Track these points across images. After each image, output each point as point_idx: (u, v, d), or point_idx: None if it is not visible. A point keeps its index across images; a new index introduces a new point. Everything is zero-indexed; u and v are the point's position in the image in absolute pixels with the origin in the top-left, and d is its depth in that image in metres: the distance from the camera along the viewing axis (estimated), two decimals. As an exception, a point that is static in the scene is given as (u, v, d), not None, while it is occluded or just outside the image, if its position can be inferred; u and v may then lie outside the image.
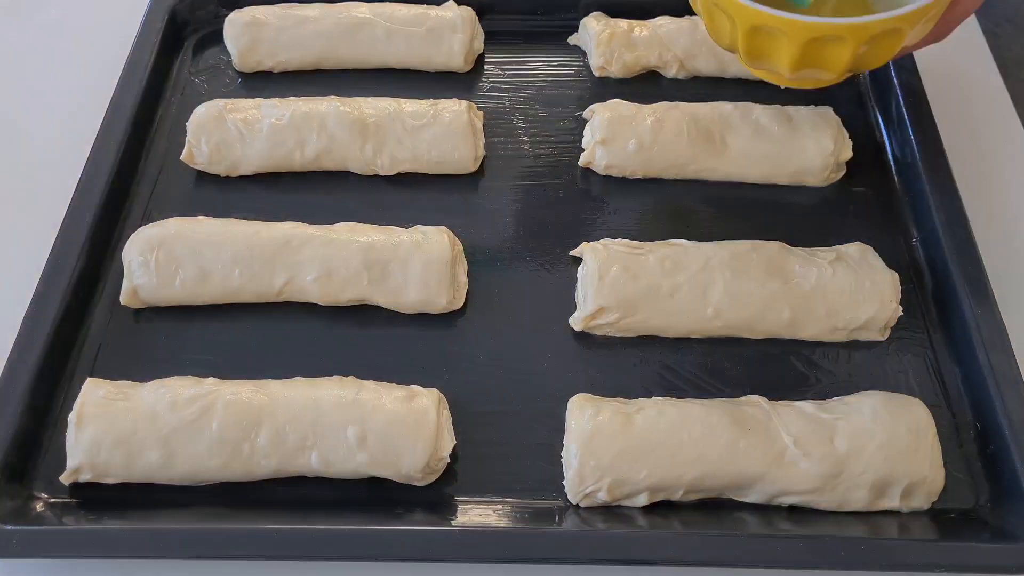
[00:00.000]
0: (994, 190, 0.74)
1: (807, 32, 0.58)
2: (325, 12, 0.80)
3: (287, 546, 0.54)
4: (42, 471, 0.59)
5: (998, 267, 0.66)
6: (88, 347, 0.64)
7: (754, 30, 0.60)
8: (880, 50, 0.60)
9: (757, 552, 0.54)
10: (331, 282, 0.65)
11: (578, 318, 0.64)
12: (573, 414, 0.58)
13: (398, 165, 0.73)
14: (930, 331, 0.65)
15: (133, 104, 0.75)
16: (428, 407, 0.57)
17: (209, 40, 0.84)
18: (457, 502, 0.58)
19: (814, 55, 0.60)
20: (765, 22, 0.58)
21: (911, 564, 0.53)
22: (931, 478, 0.56)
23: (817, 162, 0.72)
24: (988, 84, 0.82)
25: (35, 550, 0.55)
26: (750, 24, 0.59)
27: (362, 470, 0.57)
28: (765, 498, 0.57)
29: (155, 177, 0.74)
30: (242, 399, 0.57)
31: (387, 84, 0.79)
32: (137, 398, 0.58)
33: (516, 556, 0.54)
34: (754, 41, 0.61)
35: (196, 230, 0.66)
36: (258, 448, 0.56)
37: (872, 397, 0.59)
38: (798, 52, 0.59)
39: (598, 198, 0.73)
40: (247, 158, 0.73)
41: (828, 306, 0.63)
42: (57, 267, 0.65)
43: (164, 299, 0.65)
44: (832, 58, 0.60)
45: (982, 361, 0.60)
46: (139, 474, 0.57)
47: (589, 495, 0.56)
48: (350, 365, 0.62)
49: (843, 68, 0.61)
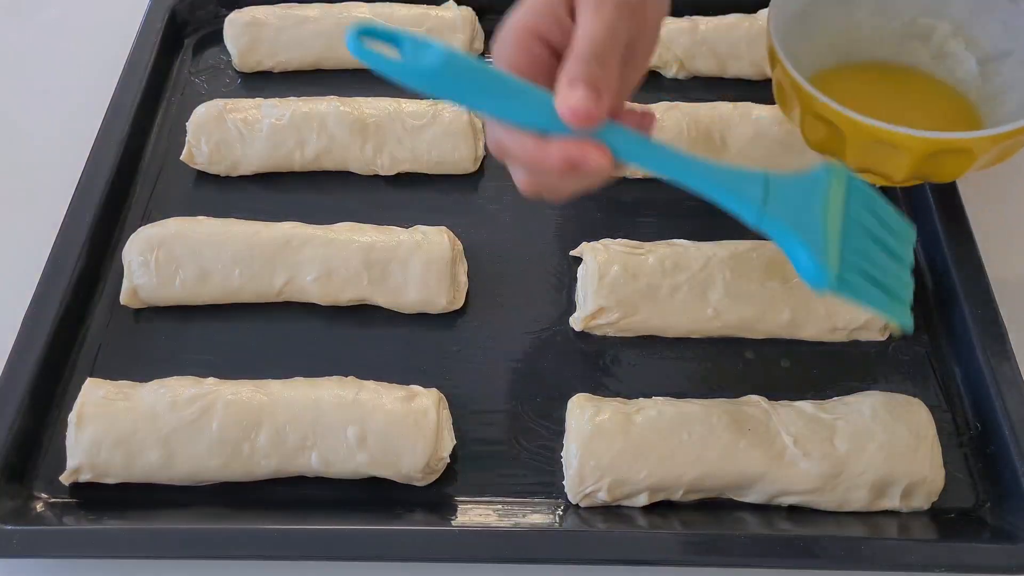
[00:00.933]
0: (995, 190, 0.74)
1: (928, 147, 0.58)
2: (325, 12, 0.80)
3: (287, 546, 0.54)
4: (42, 471, 0.59)
5: (998, 267, 0.66)
6: (88, 347, 0.64)
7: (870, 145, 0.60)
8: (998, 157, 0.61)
9: (757, 552, 0.54)
10: (331, 282, 0.65)
11: (578, 318, 0.64)
12: (573, 414, 0.58)
13: (398, 165, 0.73)
14: (930, 331, 0.65)
15: (133, 104, 0.75)
16: (428, 407, 0.57)
17: (209, 40, 0.84)
18: (457, 502, 0.57)
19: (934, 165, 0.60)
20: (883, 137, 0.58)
21: (911, 564, 0.53)
22: (931, 478, 0.56)
23: (817, 163, 0.72)
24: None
25: (35, 550, 0.55)
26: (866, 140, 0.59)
27: (362, 470, 0.57)
28: (765, 498, 0.57)
29: (155, 177, 0.74)
30: (242, 399, 0.57)
31: (387, 84, 0.78)
32: (137, 398, 0.58)
33: (516, 556, 0.54)
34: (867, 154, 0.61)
35: (196, 230, 0.66)
36: (258, 448, 0.56)
37: (872, 397, 0.59)
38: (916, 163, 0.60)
39: (598, 198, 0.72)
40: (247, 158, 0.73)
41: (828, 306, 0.63)
42: (57, 267, 0.65)
43: (164, 299, 0.65)
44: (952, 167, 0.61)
45: (982, 361, 0.60)
46: (139, 474, 0.57)
47: (589, 495, 0.56)
48: (350, 365, 0.62)
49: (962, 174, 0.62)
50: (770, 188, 0.50)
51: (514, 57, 0.47)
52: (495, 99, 0.46)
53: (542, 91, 0.46)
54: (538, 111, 0.46)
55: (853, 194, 0.52)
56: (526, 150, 0.46)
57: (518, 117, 0.46)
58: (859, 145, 0.61)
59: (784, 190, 0.50)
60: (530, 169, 0.48)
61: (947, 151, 0.59)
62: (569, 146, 0.45)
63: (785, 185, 0.50)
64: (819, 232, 0.49)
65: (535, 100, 0.46)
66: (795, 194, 0.50)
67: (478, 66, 0.45)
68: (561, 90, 0.45)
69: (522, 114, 0.46)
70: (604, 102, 0.45)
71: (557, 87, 0.46)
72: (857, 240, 0.51)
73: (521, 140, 0.46)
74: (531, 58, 0.47)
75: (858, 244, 0.51)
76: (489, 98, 0.46)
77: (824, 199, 0.51)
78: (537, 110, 0.46)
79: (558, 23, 0.48)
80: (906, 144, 0.58)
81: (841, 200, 0.51)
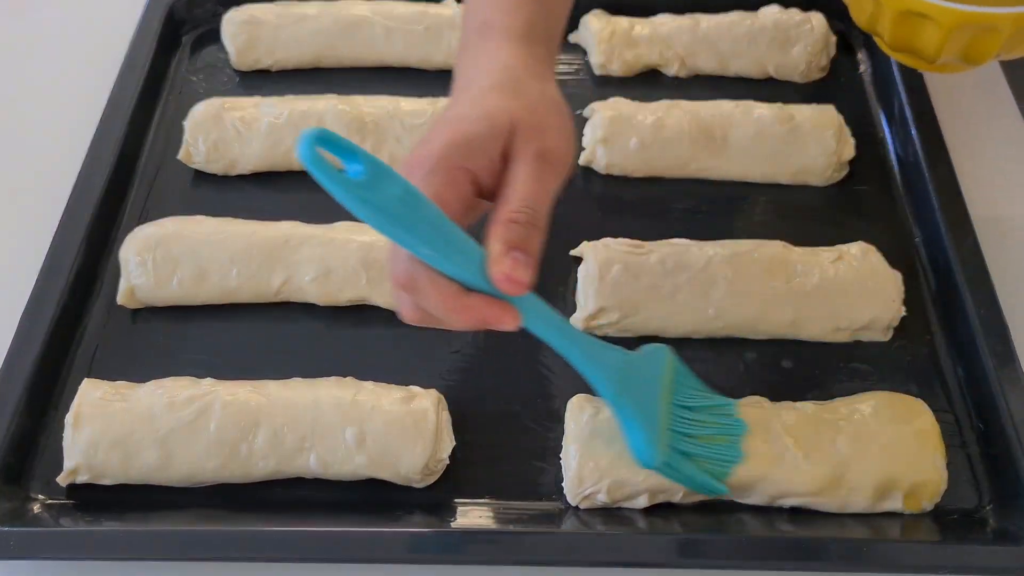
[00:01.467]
0: (998, 189, 0.73)
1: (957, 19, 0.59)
2: (323, 10, 0.80)
3: (285, 548, 0.54)
4: (39, 472, 0.58)
5: (1001, 267, 0.65)
6: (85, 347, 0.64)
7: (902, 16, 0.61)
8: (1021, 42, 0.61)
9: (758, 554, 0.53)
10: (329, 282, 0.64)
11: (578, 318, 0.64)
12: (572, 415, 0.58)
13: (397, 163, 0.72)
14: (933, 331, 0.65)
15: (130, 103, 0.75)
16: (427, 408, 0.57)
17: (207, 38, 0.83)
18: (456, 504, 0.57)
19: (962, 42, 0.61)
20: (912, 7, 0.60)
21: (913, 566, 0.53)
22: (934, 480, 0.56)
23: (819, 161, 0.71)
24: (991, 82, 0.81)
25: (32, 551, 0.55)
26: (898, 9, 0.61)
27: (361, 471, 0.56)
28: (766, 500, 0.56)
29: (152, 176, 0.74)
30: (240, 400, 0.57)
31: (385, 82, 0.79)
32: (134, 399, 0.57)
33: (515, 558, 0.54)
34: (901, 27, 0.62)
35: (194, 229, 0.66)
36: (256, 449, 0.56)
37: (874, 398, 0.59)
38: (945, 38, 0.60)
39: (599, 197, 0.72)
40: (245, 157, 0.72)
41: (830, 306, 0.63)
42: (54, 267, 0.65)
43: (161, 299, 0.65)
44: (981, 47, 0.61)
45: (985, 362, 0.60)
46: (136, 475, 0.57)
47: (588, 497, 0.56)
48: (349, 365, 0.61)
49: (990, 57, 0.62)
50: (627, 368, 0.53)
51: (441, 191, 0.45)
52: (433, 244, 0.44)
53: (476, 246, 0.45)
54: (467, 265, 0.45)
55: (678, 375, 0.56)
56: (443, 298, 0.45)
57: (449, 267, 0.45)
58: (894, 18, 0.62)
59: (634, 371, 0.54)
60: (440, 314, 0.46)
61: (975, 25, 0.60)
62: (486, 306, 0.45)
63: (635, 366, 0.54)
64: (655, 416, 0.53)
65: (469, 253, 0.45)
66: (641, 377, 0.54)
67: (431, 208, 0.44)
68: (497, 254, 0.44)
69: (454, 265, 0.45)
70: (534, 268, 0.45)
71: (491, 247, 0.45)
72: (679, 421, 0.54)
73: (441, 287, 0.45)
74: (457, 195, 0.46)
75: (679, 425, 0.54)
76: (428, 242, 0.44)
77: (659, 382, 0.55)
78: (467, 264, 0.45)
79: (490, 165, 0.47)
80: (935, 15, 0.60)
81: (670, 381, 0.55)
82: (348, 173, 0.42)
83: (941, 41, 0.61)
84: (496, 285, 0.45)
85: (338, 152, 0.42)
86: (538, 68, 0.52)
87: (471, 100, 0.49)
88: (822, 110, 0.73)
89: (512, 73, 0.50)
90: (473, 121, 0.47)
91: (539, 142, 0.47)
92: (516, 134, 0.47)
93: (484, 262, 0.45)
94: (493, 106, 0.48)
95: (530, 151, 0.47)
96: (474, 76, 0.51)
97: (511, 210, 0.46)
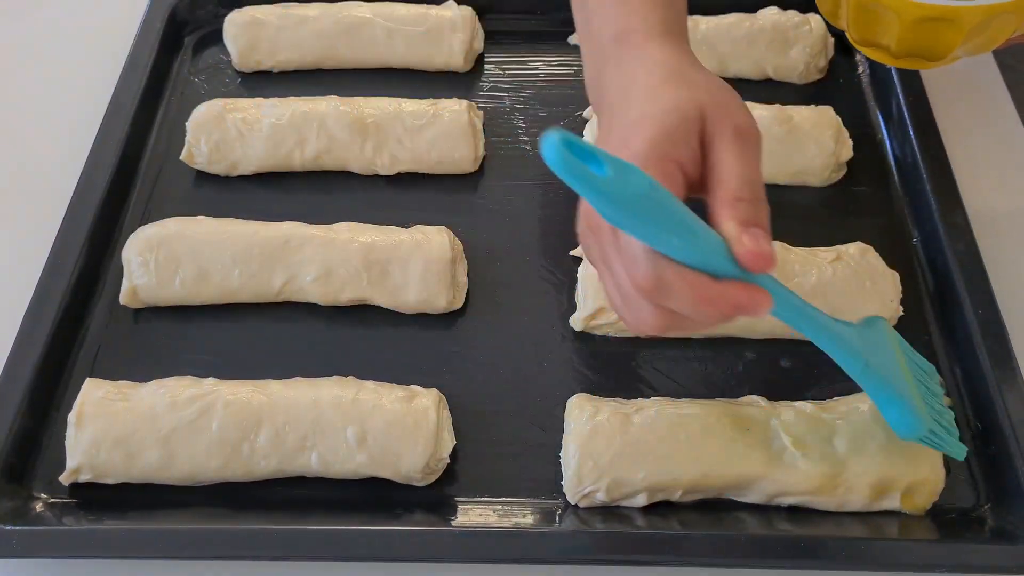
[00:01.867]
0: (995, 190, 0.73)
1: (916, 11, 0.58)
2: (325, 11, 0.80)
3: (287, 546, 0.54)
4: (41, 471, 0.59)
5: (999, 267, 0.66)
6: (87, 347, 0.64)
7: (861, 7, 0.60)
8: (988, 38, 0.60)
9: (757, 552, 0.54)
10: (331, 282, 0.64)
11: (578, 318, 0.64)
12: (572, 414, 0.58)
13: (398, 165, 0.73)
14: (931, 331, 0.65)
15: (132, 104, 0.75)
16: (428, 407, 0.57)
17: (209, 40, 0.84)
18: (457, 502, 0.57)
19: (923, 36, 0.60)
20: None
21: (911, 564, 0.53)
22: (931, 478, 0.56)
23: (817, 162, 0.72)
24: (988, 83, 0.82)
25: (34, 550, 0.55)
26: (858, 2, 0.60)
27: (362, 470, 0.57)
28: (764, 498, 0.56)
29: (155, 177, 0.74)
30: (242, 399, 0.57)
31: (387, 84, 0.79)
32: (136, 398, 0.58)
33: (515, 556, 0.54)
34: (862, 18, 0.61)
35: (196, 230, 0.66)
36: (258, 448, 0.56)
37: (872, 397, 0.59)
38: (906, 31, 0.60)
39: (598, 198, 0.73)
40: (247, 158, 0.73)
41: (828, 306, 0.62)
42: (56, 267, 0.65)
43: (164, 299, 0.65)
44: (940, 41, 0.60)
45: (983, 361, 0.60)
46: (139, 474, 0.57)
47: (588, 495, 0.56)
48: (350, 365, 0.62)
49: (950, 52, 0.61)
50: (865, 341, 0.52)
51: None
52: (682, 235, 0.43)
53: (714, 232, 0.44)
54: (713, 252, 0.43)
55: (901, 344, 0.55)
56: (696, 290, 0.43)
57: (697, 256, 0.43)
58: (856, 9, 0.62)
59: (873, 345, 0.52)
60: (690, 309, 0.44)
61: (935, 19, 0.59)
62: (741, 291, 0.44)
63: (871, 340, 0.52)
64: (905, 385, 0.52)
65: (712, 240, 0.44)
66: (880, 349, 0.53)
67: (673, 199, 0.43)
68: (738, 234, 0.44)
69: (702, 253, 0.43)
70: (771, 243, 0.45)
71: (727, 230, 0.44)
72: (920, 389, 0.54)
73: (691, 279, 0.43)
74: (675, 188, 0.45)
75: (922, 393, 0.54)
76: (678, 233, 0.42)
77: (893, 351, 0.53)
78: (713, 251, 0.43)
79: (693, 155, 0.46)
80: (895, 7, 0.59)
81: (899, 351, 0.54)
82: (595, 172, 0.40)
83: (901, 34, 0.61)
84: (744, 263, 0.43)
85: (578, 154, 0.40)
86: (690, 58, 0.52)
87: (646, 99, 0.48)
88: (820, 111, 0.74)
89: (673, 66, 0.50)
90: (665, 114, 0.46)
91: (731, 121, 0.47)
92: (707, 119, 0.47)
93: (725, 246, 0.44)
94: (675, 97, 0.47)
95: (727, 132, 0.46)
96: (630, 81, 0.50)
97: (734, 189, 0.45)
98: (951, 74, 0.80)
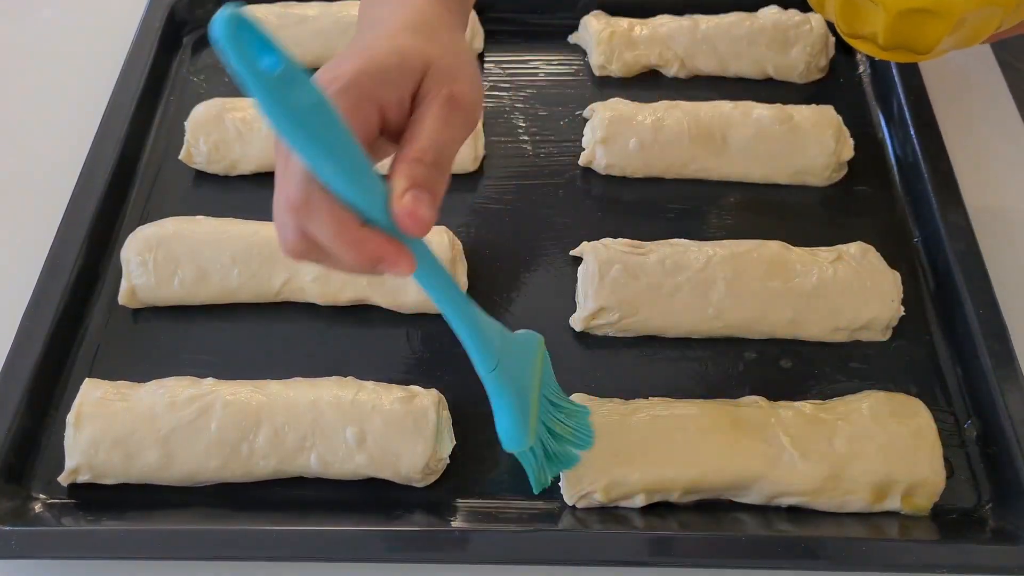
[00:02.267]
0: (996, 189, 0.73)
1: (901, 3, 0.58)
2: (324, 11, 0.80)
3: (286, 547, 0.54)
4: (40, 472, 0.59)
5: (1000, 267, 0.65)
6: (86, 347, 0.64)
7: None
8: (974, 31, 0.60)
9: (756, 553, 0.53)
10: (330, 282, 0.64)
11: (578, 318, 0.64)
12: (572, 415, 0.58)
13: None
14: (932, 331, 0.65)
15: (131, 103, 0.75)
16: (428, 407, 0.57)
17: (208, 39, 0.83)
18: (456, 503, 0.57)
19: (909, 28, 0.60)
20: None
21: (912, 565, 0.53)
22: (932, 479, 0.56)
23: (819, 161, 0.72)
24: (989, 82, 0.81)
25: (33, 551, 0.55)
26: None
27: (361, 471, 0.57)
28: (764, 499, 0.56)
29: (153, 176, 0.74)
30: (241, 399, 0.57)
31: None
32: (135, 398, 0.58)
33: (514, 557, 0.54)
34: (848, 10, 0.61)
35: (195, 230, 0.66)
36: (257, 449, 0.56)
37: (872, 397, 0.59)
38: (892, 23, 0.59)
39: (598, 197, 0.73)
40: (246, 157, 0.72)
41: (829, 306, 0.63)
42: (55, 267, 0.65)
43: (162, 299, 0.65)
44: (927, 33, 0.60)
45: (984, 361, 0.60)
46: (137, 475, 0.57)
47: (585, 496, 0.56)
48: (349, 365, 0.62)
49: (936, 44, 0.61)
50: (506, 347, 0.51)
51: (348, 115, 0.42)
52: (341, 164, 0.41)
53: (380, 180, 0.43)
54: (370, 196, 0.42)
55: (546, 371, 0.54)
56: (339, 226, 0.42)
57: (352, 192, 0.41)
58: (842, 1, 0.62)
59: (512, 352, 0.51)
60: (330, 242, 0.43)
61: (920, 11, 0.59)
62: (384, 244, 0.42)
63: (512, 347, 0.52)
64: (528, 401, 0.52)
65: (373, 184, 0.42)
66: (517, 359, 0.52)
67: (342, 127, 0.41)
68: (401, 190, 0.43)
69: (357, 192, 0.41)
70: (437, 210, 0.44)
71: (395, 184, 0.43)
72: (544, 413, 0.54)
73: (338, 213, 0.42)
74: (363, 123, 0.44)
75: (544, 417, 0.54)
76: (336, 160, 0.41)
77: (533, 370, 0.53)
78: (370, 194, 0.42)
79: (399, 103, 0.45)
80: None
81: (540, 371, 0.53)
82: (263, 65, 0.38)
83: (887, 25, 0.60)
84: (397, 220, 0.42)
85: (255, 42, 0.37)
86: (450, 19, 0.51)
87: (383, 35, 0.47)
88: (821, 111, 0.73)
89: (425, 17, 0.49)
90: (387, 53, 0.45)
91: (451, 86, 0.46)
92: (428, 76, 0.46)
93: (387, 197, 0.43)
94: (407, 44, 0.46)
95: (441, 94, 0.46)
96: (385, 15, 0.49)
97: (418, 149, 0.44)
98: (952, 73, 0.80)
